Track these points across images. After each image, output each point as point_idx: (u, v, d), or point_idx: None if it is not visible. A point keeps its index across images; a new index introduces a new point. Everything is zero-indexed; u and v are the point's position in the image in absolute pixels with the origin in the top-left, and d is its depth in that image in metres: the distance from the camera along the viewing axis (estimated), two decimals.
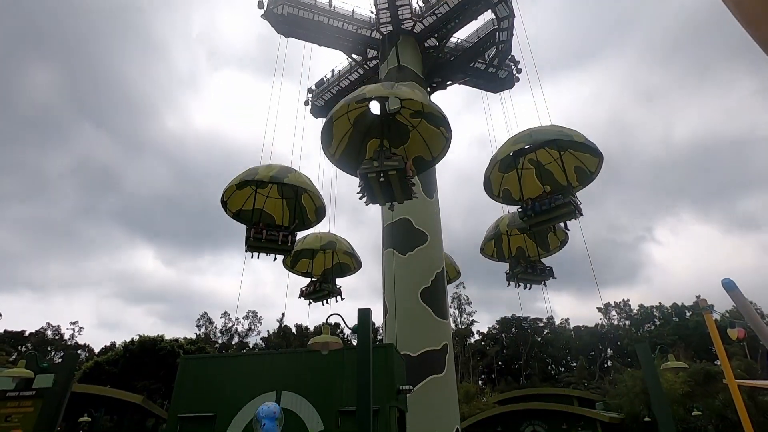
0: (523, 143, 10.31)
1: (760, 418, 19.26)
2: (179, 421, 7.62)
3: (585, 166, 11.45)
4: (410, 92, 9.54)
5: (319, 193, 12.04)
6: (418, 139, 11.34)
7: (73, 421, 21.38)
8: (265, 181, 11.33)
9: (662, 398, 7.85)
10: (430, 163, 11.63)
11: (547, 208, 10.94)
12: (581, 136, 10.15)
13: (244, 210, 12.59)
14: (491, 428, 24.54)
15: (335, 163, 11.19)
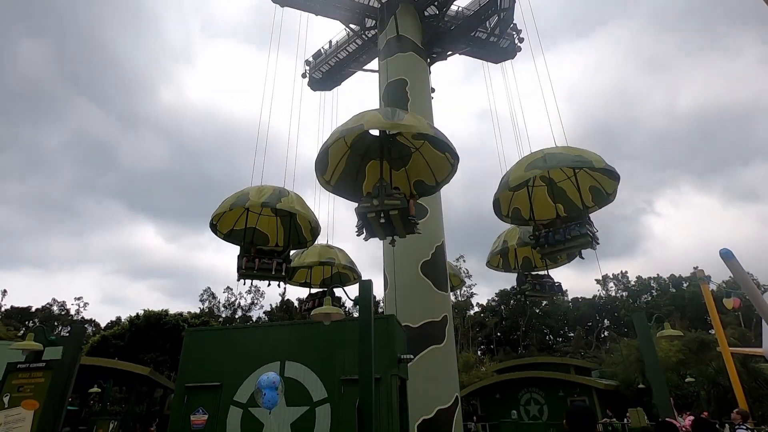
0: (537, 169, 9.39)
1: (752, 384, 19.80)
2: (186, 391, 7.84)
3: (601, 187, 10.60)
4: (413, 121, 8.57)
5: (314, 214, 11.36)
6: (421, 163, 10.49)
7: (84, 392, 22.00)
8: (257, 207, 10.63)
9: (657, 365, 8.04)
10: (433, 188, 10.78)
11: (562, 238, 10.26)
12: (601, 161, 9.29)
13: (235, 230, 11.94)
14: (490, 396, 25.28)
15: (331, 190, 10.36)
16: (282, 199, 10.31)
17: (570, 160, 9.23)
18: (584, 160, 9.17)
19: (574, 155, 9.33)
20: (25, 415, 6.62)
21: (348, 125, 8.51)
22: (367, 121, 8.30)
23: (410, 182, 10.92)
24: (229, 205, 10.33)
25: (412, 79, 17.45)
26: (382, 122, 8.33)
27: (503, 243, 14.61)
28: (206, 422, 7.52)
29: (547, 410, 23.02)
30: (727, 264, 7.84)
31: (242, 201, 10.19)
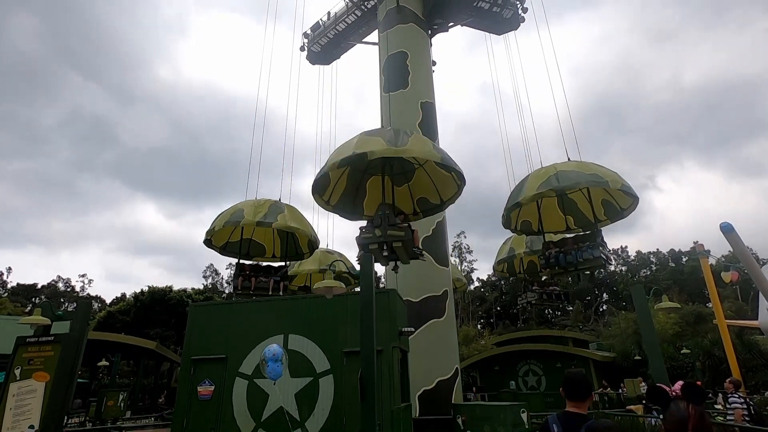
0: (549, 188, 8.85)
1: (746, 355, 20.21)
2: (193, 363, 8.03)
3: (615, 202, 10.12)
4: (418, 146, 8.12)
5: (311, 228, 11.15)
6: (425, 179, 9.99)
7: (93, 366, 22.55)
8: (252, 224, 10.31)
9: (653, 337, 8.17)
10: (437, 207, 10.31)
11: (573, 260, 9.90)
12: (617, 181, 8.74)
13: (231, 242, 11.77)
14: (489, 368, 25.85)
15: (331, 210, 9.96)
16: (278, 216, 10.14)
17: (585, 179, 8.69)
18: (600, 181, 8.65)
19: (589, 174, 8.78)
20: (36, 386, 6.80)
21: (348, 152, 8.08)
22: (371, 152, 7.88)
23: (413, 199, 10.50)
24: (223, 224, 10.19)
25: (412, 52, 17.10)
26: (384, 149, 7.92)
27: (510, 251, 14.35)
28: (213, 393, 7.74)
29: (545, 381, 23.58)
30: (727, 237, 7.88)
31: (237, 219, 10.04)
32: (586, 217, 10.84)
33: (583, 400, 2.73)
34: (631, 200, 9.70)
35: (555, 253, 10.35)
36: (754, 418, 7.20)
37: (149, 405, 22.78)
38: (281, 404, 7.37)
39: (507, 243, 14.73)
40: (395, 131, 8.65)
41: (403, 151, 7.96)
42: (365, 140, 8.26)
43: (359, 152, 7.91)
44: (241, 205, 10.54)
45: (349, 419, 6.94)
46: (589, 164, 9.33)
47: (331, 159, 8.49)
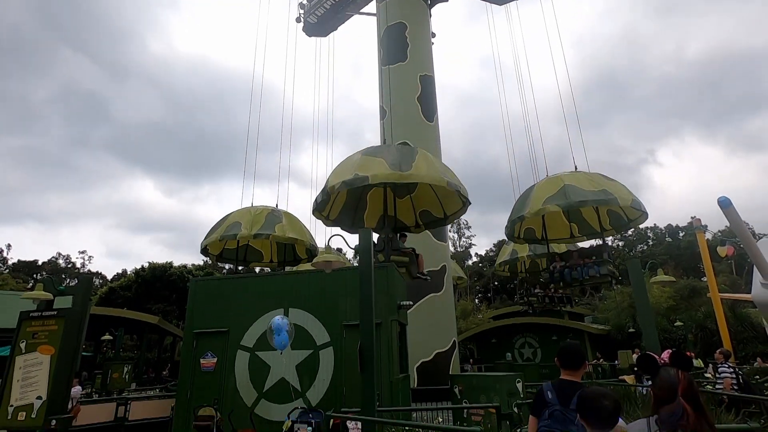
0: (555, 206, 8.59)
1: (738, 327, 20.63)
2: (195, 337, 8.18)
3: (623, 213, 9.86)
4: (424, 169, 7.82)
5: (310, 235, 10.95)
6: (428, 192, 9.68)
7: (97, 340, 22.91)
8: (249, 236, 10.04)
9: (648, 310, 8.31)
10: (441, 220, 10.11)
11: (579, 277, 9.76)
12: (627, 198, 8.49)
13: (227, 249, 11.69)
14: (486, 340, 26.36)
15: (331, 224, 9.74)
16: (276, 227, 9.95)
17: (592, 197, 8.40)
18: (609, 198, 8.36)
19: (598, 191, 8.48)
20: (42, 359, 6.94)
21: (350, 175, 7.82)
22: (373, 175, 7.62)
23: (416, 212, 10.33)
24: (219, 237, 10.04)
25: (411, 23, 16.70)
26: (388, 174, 7.62)
27: (513, 253, 14.24)
28: (215, 365, 7.91)
29: (541, 353, 24.10)
30: (725, 212, 7.89)
31: (233, 232, 9.87)
32: (592, 227, 10.58)
33: (576, 369, 2.80)
34: (639, 214, 9.40)
35: (560, 268, 10.19)
36: (742, 387, 7.41)
37: (153, 377, 23.32)
38: (283, 375, 7.55)
39: (509, 245, 14.63)
40: (399, 151, 8.30)
41: (408, 176, 7.68)
42: (367, 162, 7.96)
43: (361, 175, 7.67)
44: (237, 216, 10.29)
45: (349, 390, 7.13)
46: (597, 177, 8.98)
47: (331, 180, 8.23)
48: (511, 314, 29.57)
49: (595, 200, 8.42)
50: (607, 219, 10.32)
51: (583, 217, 10.90)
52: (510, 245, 14.73)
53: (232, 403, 7.50)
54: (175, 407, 8.00)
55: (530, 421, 2.86)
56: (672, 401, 2.05)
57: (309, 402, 7.23)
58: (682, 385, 2.06)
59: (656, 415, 2.09)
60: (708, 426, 2.01)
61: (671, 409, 2.04)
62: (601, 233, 10.20)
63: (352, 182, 7.77)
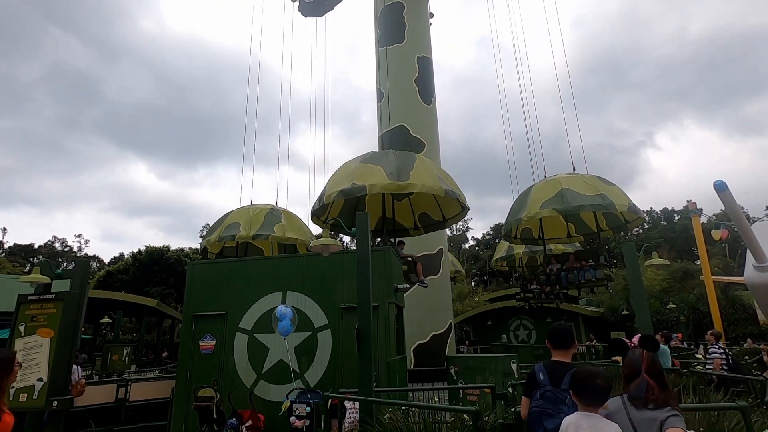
0: (552, 211, 8.63)
1: (729, 309, 20.99)
2: (194, 319, 8.24)
3: (620, 215, 9.92)
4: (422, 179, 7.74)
5: (312, 235, 10.87)
6: (428, 196, 9.58)
7: (96, 323, 23.08)
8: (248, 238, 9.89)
9: (641, 292, 8.42)
10: (439, 223, 10.09)
11: (575, 281, 9.84)
12: (624, 203, 8.56)
13: (227, 247, 11.63)
14: (482, 322, 26.72)
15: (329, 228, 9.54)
16: (275, 227, 9.88)
17: (590, 202, 8.48)
18: (606, 203, 8.45)
19: (596, 195, 8.56)
20: (42, 342, 6.99)
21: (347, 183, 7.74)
22: (371, 185, 7.58)
23: (415, 214, 10.32)
24: (218, 238, 9.97)
25: (409, 3, 16.39)
26: (386, 184, 7.58)
27: (509, 249, 14.27)
28: (214, 347, 8.00)
29: (535, 335, 24.48)
30: (720, 196, 7.93)
31: (232, 233, 9.78)
32: (589, 227, 10.65)
33: (566, 348, 2.86)
34: (635, 216, 9.47)
35: (557, 270, 10.26)
36: (732, 367, 7.60)
37: (153, 360, 23.58)
38: (281, 357, 7.65)
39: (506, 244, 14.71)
40: (397, 158, 8.20)
41: (406, 186, 7.65)
42: (364, 170, 7.92)
43: (359, 185, 7.64)
44: (236, 216, 10.22)
45: (346, 371, 7.25)
46: (595, 181, 9.03)
47: (328, 189, 8.19)
48: (506, 297, 29.91)
49: (592, 205, 8.51)
50: (604, 220, 10.38)
51: (580, 218, 10.91)
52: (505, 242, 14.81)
53: (231, 384, 7.61)
54: (175, 388, 8.11)
55: (522, 401, 2.93)
56: (636, 377, 2.31)
57: (307, 383, 7.35)
58: (645, 363, 2.33)
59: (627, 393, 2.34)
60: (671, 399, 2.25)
61: (637, 384, 2.29)
62: (598, 234, 10.26)
63: (350, 192, 7.77)
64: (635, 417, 2.23)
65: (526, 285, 13.86)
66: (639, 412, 2.23)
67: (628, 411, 2.27)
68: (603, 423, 2.21)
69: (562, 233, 11.35)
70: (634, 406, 2.26)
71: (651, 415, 2.18)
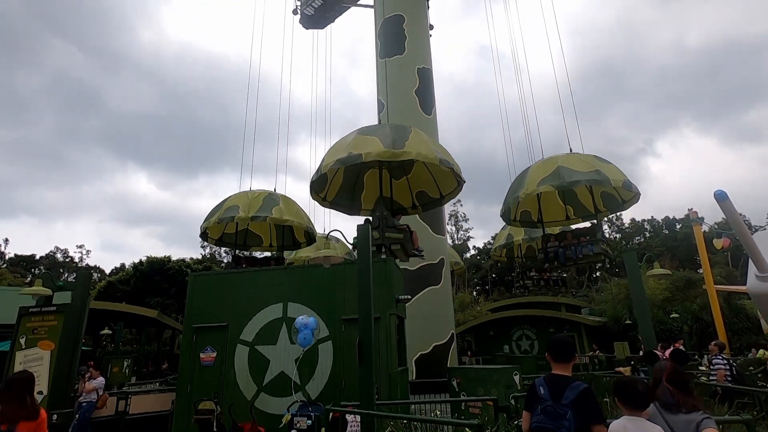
0: (550, 187, 8.79)
1: (733, 318, 20.83)
2: (194, 331, 8.22)
3: (617, 194, 10.05)
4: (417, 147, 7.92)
5: (308, 219, 10.98)
6: (424, 173, 9.79)
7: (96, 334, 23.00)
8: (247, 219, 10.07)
9: (644, 301, 8.39)
10: (437, 201, 10.22)
11: (573, 256, 9.91)
12: (619, 179, 8.71)
13: (227, 233, 11.68)
14: (484, 333, 26.55)
15: (328, 206, 9.91)
16: (273, 209, 9.96)
17: (585, 178, 8.64)
18: (602, 178, 8.58)
19: (591, 171, 8.70)
20: (42, 354, 6.98)
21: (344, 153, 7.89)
22: (367, 153, 7.69)
23: (412, 193, 10.39)
24: (217, 220, 10.04)
25: (409, 16, 16.59)
26: (381, 151, 7.70)
27: (508, 237, 14.31)
28: (215, 359, 7.96)
29: (538, 345, 24.31)
30: (721, 205, 7.93)
31: (231, 215, 9.90)
32: (586, 209, 10.78)
33: (566, 362, 2.85)
34: (632, 194, 9.59)
35: (555, 247, 10.33)
36: (736, 378, 7.51)
37: (153, 371, 23.43)
38: (282, 369, 7.61)
39: (506, 229, 14.74)
40: (393, 129, 8.39)
41: (401, 154, 7.77)
42: (361, 140, 8.07)
43: (355, 153, 7.75)
44: (234, 200, 10.34)
45: (348, 383, 7.20)
46: (591, 158, 9.17)
47: (325, 159, 8.32)
48: (508, 306, 29.76)
49: (588, 180, 8.64)
50: (601, 201, 10.49)
51: (578, 200, 11.04)
52: (506, 230, 14.86)
53: (232, 397, 7.56)
54: (176, 401, 8.06)
55: (524, 416, 2.92)
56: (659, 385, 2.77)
57: (308, 395, 7.30)
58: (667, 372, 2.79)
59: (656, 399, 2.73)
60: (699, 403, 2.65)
61: (661, 390, 2.70)
62: (596, 215, 10.34)
63: (346, 160, 7.85)
64: (671, 420, 2.60)
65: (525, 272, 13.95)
66: (674, 416, 2.60)
67: (663, 415, 2.65)
68: (648, 425, 2.47)
69: (560, 216, 11.42)
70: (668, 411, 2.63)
71: (686, 418, 2.55)
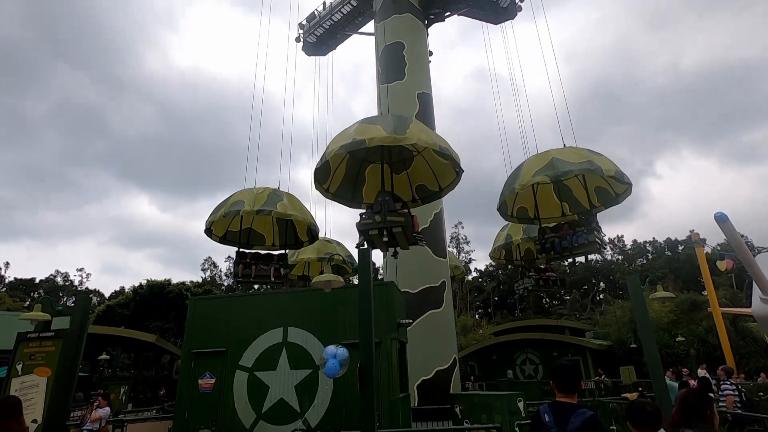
0: (545, 177, 9.01)
1: (740, 342, 20.48)
2: (193, 356, 8.11)
3: (610, 188, 10.25)
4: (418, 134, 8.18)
5: (310, 216, 11.17)
6: (424, 167, 10.06)
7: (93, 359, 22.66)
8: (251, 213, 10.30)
9: (648, 325, 8.27)
10: (436, 194, 10.42)
11: (569, 245, 10.10)
12: (611, 168, 8.98)
13: (230, 231, 11.78)
14: (487, 357, 26.11)
15: (330, 197, 10.11)
16: (277, 204, 10.12)
17: (578, 167, 8.85)
18: (594, 167, 8.80)
19: (584, 161, 8.93)
20: (38, 381, 6.86)
21: (348, 139, 8.09)
22: (370, 139, 7.87)
23: (412, 187, 10.57)
24: (223, 213, 10.18)
25: (409, 43, 17.00)
26: (384, 137, 7.91)
27: (507, 237, 14.43)
28: (213, 385, 7.83)
29: (542, 370, 23.85)
30: (722, 227, 7.95)
31: (236, 208, 10.03)
32: (581, 204, 10.97)
33: (571, 392, 2.80)
34: (624, 186, 9.83)
35: (551, 238, 10.51)
36: (746, 405, 7.34)
37: (150, 397, 22.97)
38: (282, 396, 7.47)
39: (504, 230, 14.87)
40: (394, 118, 8.71)
41: (403, 139, 7.99)
42: (364, 128, 8.29)
43: (358, 139, 7.93)
44: (240, 195, 10.53)
45: (348, 410, 7.05)
46: (584, 151, 9.46)
47: (330, 146, 8.54)
48: (511, 330, 29.36)
49: (580, 169, 8.88)
50: (596, 196, 10.68)
51: (573, 195, 11.21)
52: (505, 230, 14.92)
53: (230, 425, 7.41)
54: (173, 429, 7.88)
55: None
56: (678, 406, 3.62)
57: (308, 423, 7.14)
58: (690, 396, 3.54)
59: None
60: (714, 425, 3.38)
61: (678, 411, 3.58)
62: (591, 210, 10.52)
63: (350, 146, 8.00)
64: None
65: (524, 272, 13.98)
66: None
67: None
68: None
69: (556, 213, 11.54)
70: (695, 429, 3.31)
71: None
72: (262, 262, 11.27)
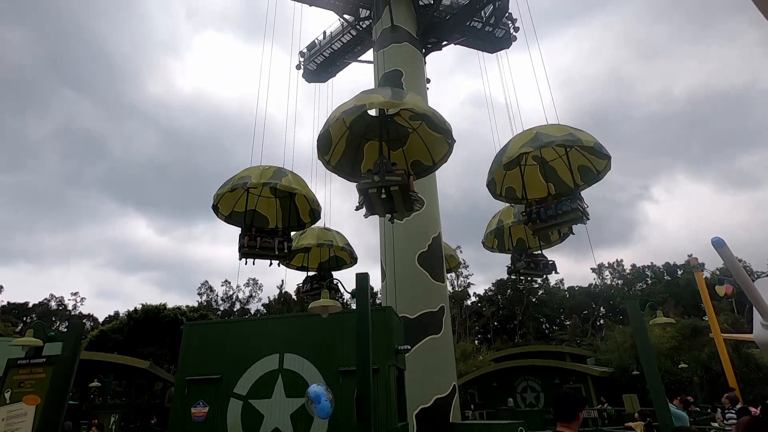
0: (529, 147, 9.59)
1: (743, 369, 20.17)
2: (187, 384, 7.93)
3: (592, 165, 10.86)
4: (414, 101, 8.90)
5: (314, 195, 11.54)
6: (418, 143, 10.76)
7: (84, 387, 22.12)
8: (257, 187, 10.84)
9: (650, 352, 8.16)
10: (430, 168, 11.14)
11: (554, 214, 10.52)
12: (590, 140, 9.55)
13: (236, 211, 12.07)
14: (487, 384, 25.60)
15: (331, 170, 10.69)
16: (282, 179, 10.52)
17: (560, 138, 9.42)
18: (575, 138, 9.38)
19: (565, 134, 9.52)
20: (26, 410, 6.68)
21: (350, 105, 8.71)
22: (370, 103, 8.57)
23: (407, 162, 11.15)
24: (231, 186, 10.50)
25: (407, 70, 17.38)
26: (383, 101, 8.57)
27: (498, 222, 14.78)
28: (207, 414, 7.62)
29: (544, 398, 23.37)
30: (719, 252, 7.94)
31: (244, 182, 10.39)
32: (566, 184, 11.39)
33: (571, 421, 2.75)
34: (605, 162, 10.30)
35: (536, 208, 10.91)
36: None
37: (141, 427, 22.31)
38: (276, 425, 7.27)
39: (496, 216, 15.10)
40: (393, 90, 9.35)
41: (401, 104, 8.62)
42: (364, 96, 8.93)
43: (359, 104, 8.52)
44: (247, 171, 10.80)
45: None
46: (566, 126, 9.99)
47: (332, 115, 9.08)
48: (512, 356, 28.91)
49: (562, 140, 9.38)
50: (579, 175, 11.14)
51: (558, 176, 11.62)
52: (496, 217, 15.02)
53: None
54: None
55: None
56: None
57: None
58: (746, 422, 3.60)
59: None
60: None
61: None
62: (575, 189, 10.90)
63: (352, 111, 8.59)
64: None
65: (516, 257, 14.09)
66: None
67: None
68: None
69: (543, 193, 11.84)
70: None
71: None
72: (266, 236, 11.41)
